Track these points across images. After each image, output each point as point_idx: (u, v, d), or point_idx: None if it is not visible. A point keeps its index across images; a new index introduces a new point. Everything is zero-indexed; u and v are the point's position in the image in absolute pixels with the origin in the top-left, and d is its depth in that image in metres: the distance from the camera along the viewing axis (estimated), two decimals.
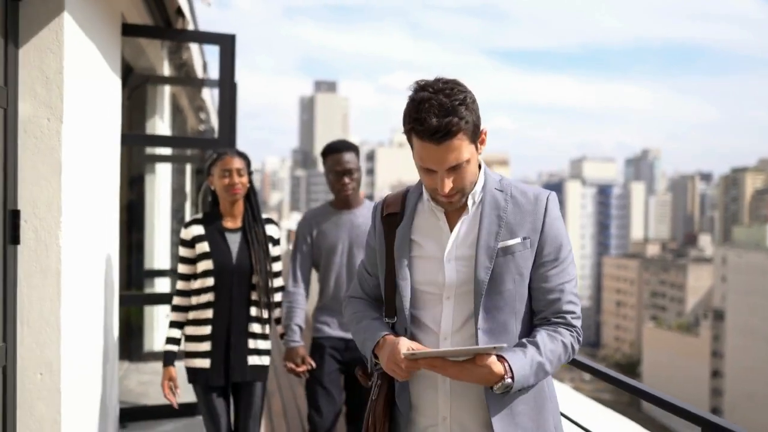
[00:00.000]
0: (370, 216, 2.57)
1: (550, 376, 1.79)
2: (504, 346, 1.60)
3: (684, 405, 1.91)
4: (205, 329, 3.07)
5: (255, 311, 3.13)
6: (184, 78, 7.21)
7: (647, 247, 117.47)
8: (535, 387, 1.74)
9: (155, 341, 6.28)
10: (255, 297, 3.12)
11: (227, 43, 4.37)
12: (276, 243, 3.24)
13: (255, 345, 3.13)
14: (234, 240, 3.12)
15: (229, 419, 3.15)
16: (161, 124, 6.49)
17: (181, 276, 3.14)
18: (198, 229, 3.12)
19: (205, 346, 3.06)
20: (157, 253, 6.53)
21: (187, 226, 3.15)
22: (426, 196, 1.84)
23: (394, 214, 1.88)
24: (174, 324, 3.12)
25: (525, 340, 1.72)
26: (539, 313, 1.78)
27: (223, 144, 4.35)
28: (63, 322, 2.81)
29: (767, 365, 66.08)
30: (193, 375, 3.09)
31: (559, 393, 4.76)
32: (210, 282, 3.07)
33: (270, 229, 3.22)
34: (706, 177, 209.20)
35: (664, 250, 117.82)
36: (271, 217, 3.30)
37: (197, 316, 3.09)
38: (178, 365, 3.11)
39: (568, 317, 1.75)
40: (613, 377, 2.34)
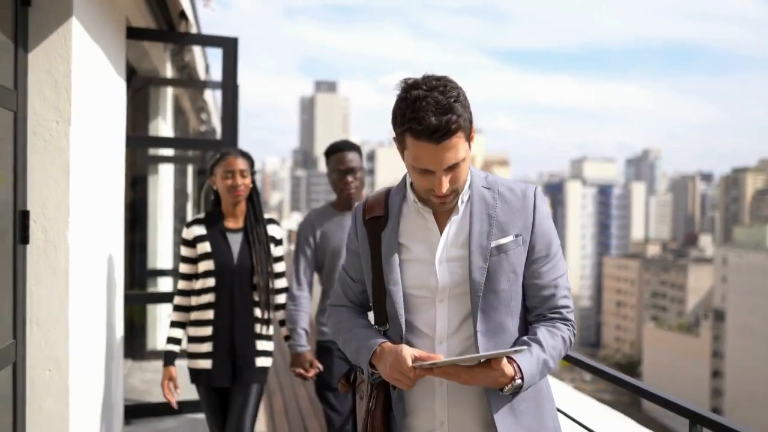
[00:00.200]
0: None
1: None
2: (524, 348, 1.60)
3: (671, 398, 1.95)
4: (207, 330, 3.05)
5: (258, 312, 3.10)
6: (186, 80, 7.27)
7: (648, 248, 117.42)
8: (535, 385, 1.72)
9: (158, 340, 6.34)
10: (257, 298, 3.09)
11: (230, 46, 4.44)
12: (278, 243, 3.22)
13: (262, 346, 3.11)
14: (235, 240, 3.09)
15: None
16: (164, 125, 6.55)
17: (183, 276, 3.12)
18: (199, 229, 3.09)
19: (207, 347, 3.04)
20: (160, 253, 6.60)
21: (189, 225, 3.12)
22: (412, 197, 1.78)
23: (377, 217, 1.81)
24: (175, 324, 3.10)
25: (527, 338, 1.70)
26: (534, 310, 1.76)
27: (226, 145, 4.40)
28: (71, 320, 2.88)
29: (767, 365, 66.06)
30: (196, 376, 3.08)
31: (561, 392, 4.80)
32: (211, 282, 3.05)
33: (272, 230, 3.20)
34: (706, 177, 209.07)
35: (664, 250, 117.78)
36: (274, 218, 3.27)
37: (198, 316, 3.07)
38: (179, 364, 3.11)
39: (563, 312, 1.74)
40: (604, 371, 2.38)
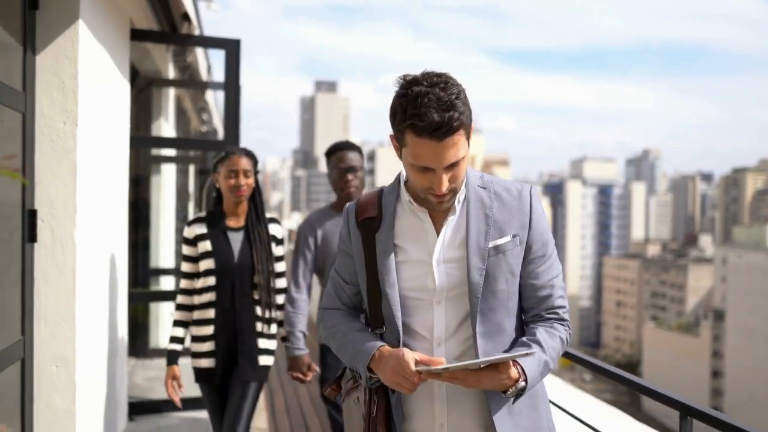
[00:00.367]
0: None
1: None
2: (533, 352, 1.60)
3: (662, 390, 1.99)
4: (208, 329, 3.05)
5: (259, 311, 3.10)
6: (188, 80, 7.32)
7: (648, 248, 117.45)
8: None
9: (160, 338, 6.40)
10: (257, 296, 3.09)
11: (232, 48, 4.48)
12: (280, 243, 3.21)
13: (263, 345, 3.11)
14: (236, 239, 3.08)
15: None
16: (166, 125, 6.60)
17: (184, 274, 3.11)
18: (200, 228, 3.08)
19: (209, 345, 3.04)
20: (162, 252, 6.65)
21: (190, 224, 3.12)
22: (406, 197, 1.76)
23: (371, 218, 1.79)
24: (177, 323, 3.10)
25: (526, 339, 1.69)
26: (530, 310, 1.75)
27: (229, 145, 4.44)
28: (78, 317, 2.93)
29: (767, 365, 66.11)
30: (199, 374, 3.08)
31: (562, 391, 4.83)
32: (212, 281, 3.04)
33: (273, 229, 3.19)
34: (706, 177, 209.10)
35: (664, 250, 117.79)
36: (275, 217, 3.26)
37: (200, 316, 3.07)
38: (182, 362, 3.12)
39: (560, 312, 1.74)
40: (594, 364, 2.43)
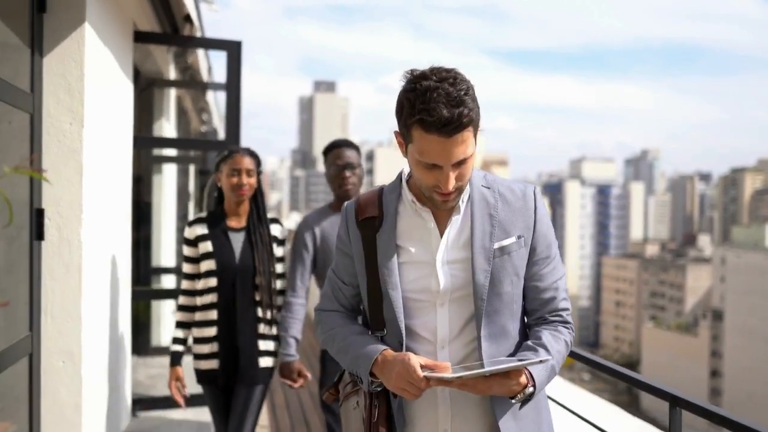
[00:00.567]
0: None
1: None
2: (549, 358, 1.59)
3: (652, 381, 2.05)
4: (211, 330, 3.02)
5: (261, 312, 3.07)
6: (190, 81, 7.39)
7: (646, 247, 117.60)
8: None
9: (162, 336, 6.47)
10: (259, 298, 3.05)
11: (234, 49, 4.55)
12: (281, 243, 3.18)
13: (263, 347, 3.08)
14: (237, 240, 3.06)
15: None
16: (167, 125, 6.67)
17: (186, 275, 3.08)
18: (201, 229, 3.06)
19: (211, 347, 3.02)
20: (164, 251, 6.71)
21: (191, 224, 3.09)
22: (409, 196, 1.72)
23: (371, 218, 1.74)
24: (180, 324, 3.08)
25: (532, 343, 1.66)
26: (534, 313, 1.73)
27: (230, 145, 4.50)
28: (84, 314, 3.00)
29: (766, 365, 66.25)
30: (202, 376, 3.06)
31: (562, 388, 4.86)
32: (213, 282, 3.01)
33: (275, 230, 3.16)
34: (705, 177, 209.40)
35: (663, 250, 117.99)
36: (277, 217, 3.24)
37: (202, 317, 3.05)
38: (184, 362, 3.11)
39: (563, 314, 1.72)
40: (583, 356, 2.49)
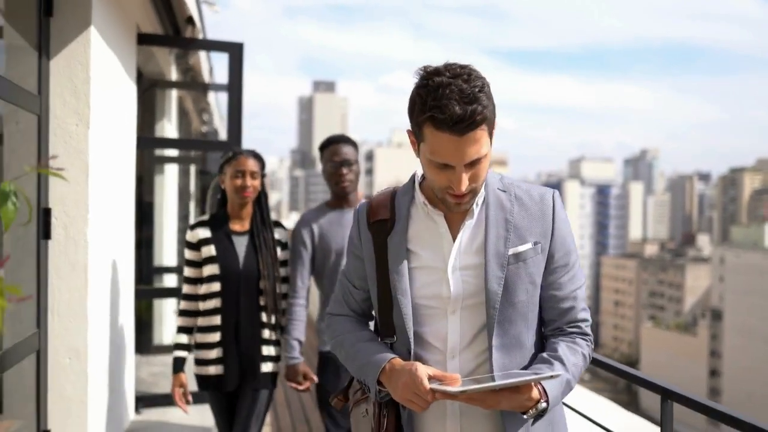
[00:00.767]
0: None
1: None
2: (561, 374, 1.51)
3: (643, 375, 2.10)
4: (215, 336, 2.97)
5: (265, 317, 3.02)
6: (191, 82, 7.45)
7: (645, 247, 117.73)
8: None
9: (164, 335, 6.54)
10: (263, 302, 3.01)
11: (236, 51, 4.61)
12: (284, 247, 3.13)
13: (268, 352, 3.03)
14: (241, 243, 3.01)
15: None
16: (169, 126, 6.73)
17: (187, 279, 3.03)
18: (204, 232, 3.01)
19: (216, 352, 2.97)
20: (165, 251, 6.78)
21: (193, 227, 3.04)
22: (421, 199, 1.65)
23: (383, 220, 1.68)
24: (182, 329, 3.03)
25: (547, 355, 1.59)
26: (551, 323, 1.65)
27: (231, 146, 4.56)
28: (89, 312, 3.05)
29: (765, 365, 66.35)
30: (206, 382, 3.01)
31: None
32: (216, 287, 2.97)
33: (278, 233, 3.11)
34: (704, 177, 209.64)
35: (662, 250, 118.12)
36: (280, 221, 3.20)
37: (205, 322, 3.00)
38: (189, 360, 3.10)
39: (582, 326, 1.64)
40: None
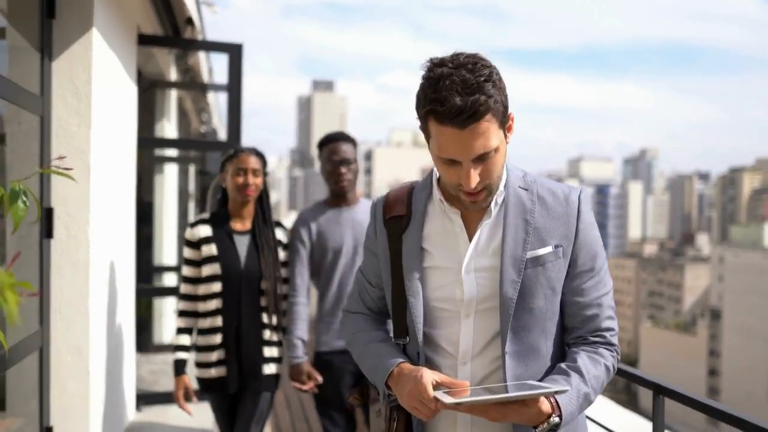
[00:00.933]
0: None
1: None
2: (567, 389, 1.42)
3: (636, 372, 2.13)
4: (216, 338, 2.93)
5: (266, 318, 2.98)
6: (191, 82, 7.48)
7: (645, 247, 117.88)
8: None
9: (163, 334, 6.58)
10: (264, 303, 2.97)
11: (235, 52, 4.65)
12: (285, 247, 3.10)
13: (270, 353, 3.00)
14: (242, 243, 2.96)
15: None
16: (169, 126, 6.76)
17: (186, 279, 2.97)
18: (205, 230, 2.96)
19: (219, 354, 2.93)
20: (165, 250, 6.82)
21: (193, 226, 2.98)
22: (438, 195, 1.59)
23: (399, 216, 1.62)
24: (181, 330, 2.99)
25: (565, 365, 1.49)
26: (574, 331, 1.56)
27: (231, 146, 4.60)
28: (91, 310, 3.08)
29: (764, 364, 66.47)
30: (208, 384, 2.98)
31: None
32: (217, 287, 2.92)
33: (279, 233, 3.08)
34: (703, 177, 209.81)
35: (661, 249, 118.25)
36: (281, 221, 3.17)
37: (207, 324, 2.95)
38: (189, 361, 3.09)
39: (607, 335, 1.54)
40: None
